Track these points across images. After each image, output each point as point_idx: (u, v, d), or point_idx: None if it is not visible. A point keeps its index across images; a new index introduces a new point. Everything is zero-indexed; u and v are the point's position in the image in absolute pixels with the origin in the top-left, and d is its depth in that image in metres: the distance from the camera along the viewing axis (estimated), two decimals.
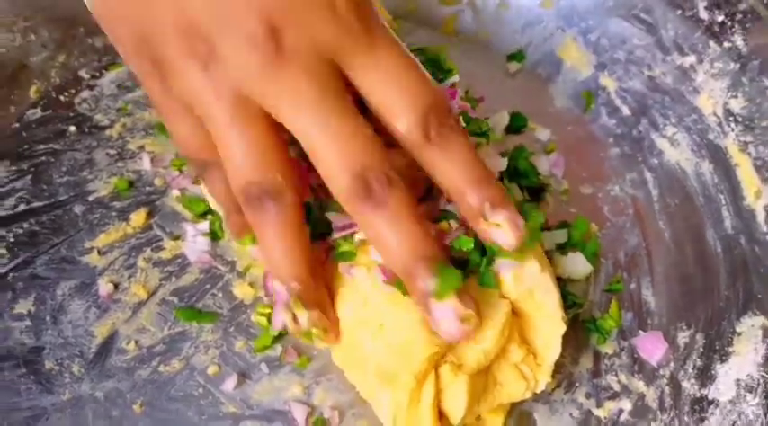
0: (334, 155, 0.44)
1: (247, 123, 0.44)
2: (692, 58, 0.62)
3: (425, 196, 0.51)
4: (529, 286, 0.49)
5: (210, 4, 0.43)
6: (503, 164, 0.54)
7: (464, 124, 0.51)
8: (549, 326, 0.50)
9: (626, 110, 0.65)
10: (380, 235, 0.45)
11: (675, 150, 0.62)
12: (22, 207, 0.60)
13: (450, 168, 0.46)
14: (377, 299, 0.48)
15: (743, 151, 0.59)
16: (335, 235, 0.50)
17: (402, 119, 0.45)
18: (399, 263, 0.45)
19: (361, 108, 0.46)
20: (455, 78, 0.54)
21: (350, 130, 0.44)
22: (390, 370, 0.47)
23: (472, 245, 0.48)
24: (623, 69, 0.65)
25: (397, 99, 0.45)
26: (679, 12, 0.63)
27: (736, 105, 0.60)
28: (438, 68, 0.60)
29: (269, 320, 0.54)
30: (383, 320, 0.48)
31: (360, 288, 0.49)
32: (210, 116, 0.44)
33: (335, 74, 0.45)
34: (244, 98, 0.44)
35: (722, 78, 0.61)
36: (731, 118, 0.60)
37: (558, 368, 0.54)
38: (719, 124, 0.61)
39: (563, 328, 0.50)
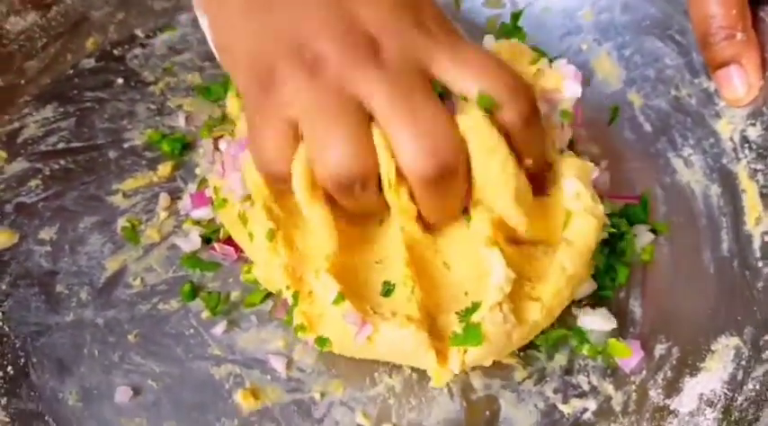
0: (414, 142, 0.49)
1: (348, 115, 0.49)
2: None
3: None
4: None
5: (323, 24, 0.50)
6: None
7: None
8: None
9: (647, 127, 0.66)
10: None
11: (689, 171, 0.63)
12: (61, 145, 0.65)
13: None
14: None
15: (752, 178, 0.60)
16: None
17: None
18: None
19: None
20: None
21: (431, 121, 0.49)
22: None
23: None
24: (651, 87, 0.66)
25: (479, 85, 0.50)
26: None
27: (753, 133, 0.61)
28: None
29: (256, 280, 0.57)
30: None
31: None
32: (313, 111, 0.49)
33: (422, 73, 0.51)
34: (345, 92, 0.49)
35: (743, 105, 0.62)
36: (746, 144, 0.61)
37: (533, 361, 0.56)
38: (734, 149, 0.61)
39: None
